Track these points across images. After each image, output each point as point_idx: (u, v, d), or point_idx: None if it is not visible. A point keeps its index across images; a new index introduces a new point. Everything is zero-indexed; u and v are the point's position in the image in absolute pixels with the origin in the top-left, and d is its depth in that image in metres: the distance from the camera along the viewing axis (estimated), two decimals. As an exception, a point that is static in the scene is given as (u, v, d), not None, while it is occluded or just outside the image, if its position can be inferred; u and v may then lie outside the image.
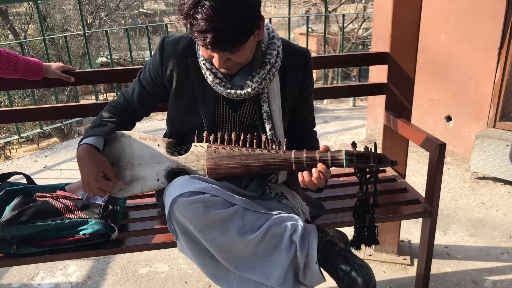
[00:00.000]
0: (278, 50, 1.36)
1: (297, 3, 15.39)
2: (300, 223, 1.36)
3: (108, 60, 11.66)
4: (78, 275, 2.16)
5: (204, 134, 1.38)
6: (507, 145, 2.74)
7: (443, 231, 2.43)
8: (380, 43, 3.33)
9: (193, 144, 1.39)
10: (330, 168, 1.30)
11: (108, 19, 11.35)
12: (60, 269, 2.21)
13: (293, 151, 1.32)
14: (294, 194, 1.51)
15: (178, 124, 1.49)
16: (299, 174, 1.31)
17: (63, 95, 10.82)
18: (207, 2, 1.12)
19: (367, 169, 1.31)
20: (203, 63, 1.36)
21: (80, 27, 12.38)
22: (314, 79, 1.58)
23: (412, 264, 2.14)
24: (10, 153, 6.72)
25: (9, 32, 10.81)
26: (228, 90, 1.35)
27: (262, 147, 1.35)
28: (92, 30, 9.79)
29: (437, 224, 2.47)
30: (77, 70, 1.75)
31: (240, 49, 1.21)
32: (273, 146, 1.34)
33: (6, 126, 8.08)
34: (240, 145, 1.36)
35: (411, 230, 2.41)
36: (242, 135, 1.36)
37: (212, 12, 1.12)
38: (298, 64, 1.43)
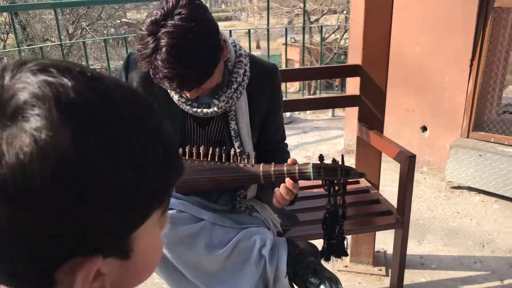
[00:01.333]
0: (245, 68, 1.36)
1: (280, 13, 15.54)
2: (270, 236, 1.36)
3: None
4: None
5: (173, 148, 1.38)
6: (480, 155, 2.79)
7: (418, 241, 2.45)
8: (357, 55, 3.37)
9: None
10: (303, 180, 1.31)
11: (90, 29, 11.28)
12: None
13: (261, 164, 1.32)
14: (265, 206, 1.51)
15: None
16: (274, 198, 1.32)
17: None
18: (164, 49, 1.11)
19: (335, 182, 1.32)
20: None
21: (62, 37, 12.28)
22: (297, 88, 1.59)
23: (387, 274, 2.15)
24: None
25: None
26: (195, 109, 1.34)
27: (231, 161, 1.35)
28: (69, 42, 9.72)
29: (412, 234, 2.50)
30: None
31: (208, 80, 1.22)
32: (242, 160, 1.34)
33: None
34: (209, 159, 1.35)
35: (387, 240, 2.43)
36: (211, 149, 1.36)
37: (172, 59, 1.11)
38: (266, 80, 1.44)
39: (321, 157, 1.30)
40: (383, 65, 1.89)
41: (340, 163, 1.31)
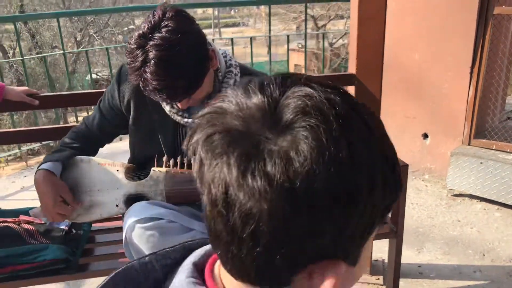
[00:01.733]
0: (236, 78, 1.37)
1: (287, 19, 15.58)
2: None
3: (99, 77, 11.68)
4: (47, 299, 2.13)
5: (164, 158, 1.39)
6: (481, 163, 2.77)
7: (417, 250, 2.43)
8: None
9: (152, 169, 1.39)
10: None
11: (97, 36, 11.41)
12: (30, 293, 2.18)
13: None
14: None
15: (139, 151, 1.50)
16: None
17: (51, 112, 10.79)
18: (152, 61, 1.13)
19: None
20: None
21: (70, 44, 12.44)
22: None
23: (385, 284, 2.13)
24: (-4, 171, 6.59)
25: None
26: (186, 119, 1.36)
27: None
28: (71, 51, 9.86)
29: (411, 242, 2.49)
30: (42, 94, 1.75)
31: (197, 90, 1.23)
32: None
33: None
34: (199, 170, 1.36)
35: (385, 249, 2.40)
36: None
37: (161, 71, 1.13)
38: None
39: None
40: (377, 74, 1.89)
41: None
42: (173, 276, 0.54)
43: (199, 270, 0.53)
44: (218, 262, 0.51)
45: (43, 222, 1.61)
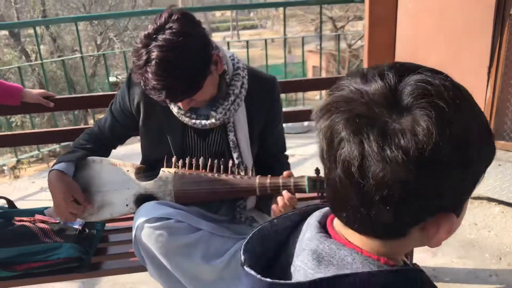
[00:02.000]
0: (243, 80, 1.38)
1: (305, 21, 15.54)
2: (267, 247, 1.36)
3: (118, 79, 11.84)
4: (63, 297, 2.17)
5: (173, 159, 1.41)
6: (499, 165, 2.72)
7: (432, 253, 2.40)
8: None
9: (161, 169, 1.41)
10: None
11: (117, 40, 11.57)
12: (47, 291, 2.23)
13: (258, 176, 1.33)
14: (266, 217, 1.51)
15: (149, 152, 1.52)
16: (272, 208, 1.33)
17: (71, 114, 10.99)
18: (154, 61, 1.15)
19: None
20: None
21: (91, 47, 12.66)
22: (317, 97, 1.60)
23: (398, 286, 2.11)
24: (20, 172, 6.79)
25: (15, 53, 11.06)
26: (193, 121, 1.37)
27: (229, 172, 1.37)
28: (91, 54, 10.04)
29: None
30: (58, 97, 1.80)
31: (198, 92, 1.25)
32: (240, 172, 1.36)
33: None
34: (208, 170, 1.38)
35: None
36: (210, 161, 1.38)
37: (161, 71, 1.15)
38: (264, 92, 1.46)
39: (317, 170, 1.30)
40: (390, 75, 1.87)
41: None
42: (295, 235, 0.66)
43: (322, 227, 0.64)
44: (336, 220, 0.63)
45: (57, 221, 1.65)
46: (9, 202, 1.79)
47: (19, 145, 1.97)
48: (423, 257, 2.35)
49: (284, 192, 1.28)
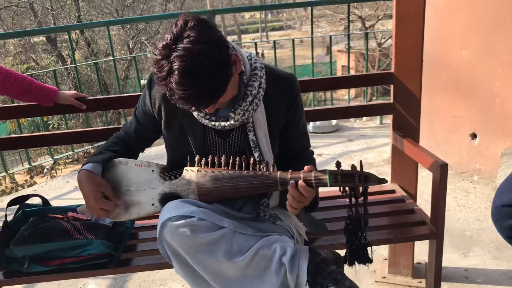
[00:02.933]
0: (261, 80, 1.38)
1: (334, 21, 15.40)
2: (291, 244, 1.37)
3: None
4: (96, 293, 2.25)
5: (196, 158, 1.43)
6: (534, 163, 2.63)
7: (463, 253, 2.34)
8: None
9: (184, 168, 1.44)
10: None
11: (148, 43, 11.81)
12: (80, 287, 2.30)
13: (279, 172, 1.34)
14: (289, 215, 1.52)
15: (172, 153, 1.55)
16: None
17: (104, 116, 11.27)
18: (176, 72, 1.16)
19: (355, 188, 1.32)
20: None
21: (123, 51, 12.96)
22: (353, 95, 1.60)
23: (427, 287, 2.07)
24: (56, 173, 7.05)
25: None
26: (213, 123, 1.39)
27: (250, 169, 1.38)
28: (122, 57, 10.29)
29: (457, 245, 2.40)
30: (90, 98, 1.86)
31: (222, 96, 1.26)
32: (261, 168, 1.37)
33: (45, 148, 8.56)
34: (229, 168, 1.39)
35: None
36: (231, 158, 1.40)
37: (185, 81, 1.16)
38: (283, 91, 1.46)
39: (338, 164, 1.30)
40: (417, 72, 1.84)
41: (358, 169, 1.30)
42: None
43: None
44: None
45: (89, 218, 1.70)
46: (44, 200, 1.86)
47: (54, 145, 2.04)
48: (454, 258, 2.30)
49: (300, 182, 1.28)
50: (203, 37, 1.18)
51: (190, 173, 1.41)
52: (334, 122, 4.40)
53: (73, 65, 3.74)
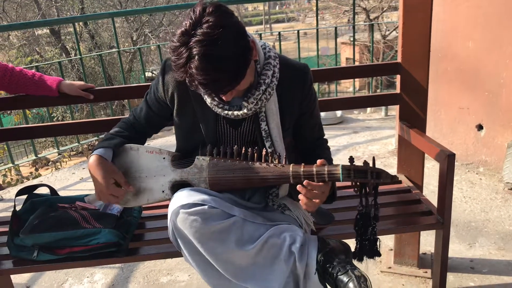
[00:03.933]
0: (274, 69, 1.38)
1: (338, 13, 15.31)
2: (300, 233, 1.37)
3: (154, 74, 12.04)
4: (103, 283, 2.26)
5: (208, 147, 1.44)
6: (541, 155, 2.62)
7: (469, 244, 2.35)
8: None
9: (196, 157, 1.44)
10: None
11: (152, 36, 11.77)
12: (87, 277, 2.32)
13: (291, 165, 1.34)
14: (297, 205, 1.52)
15: (183, 141, 1.56)
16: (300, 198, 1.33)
17: (109, 109, 11.28)
18: (197, 57, 1.15)
19: (366, 184, 1.31)
20: None
21: (127, 44, 12.94)
22: (357, 88, 1.60)
23: (432, 277, 2.08)
24: (61, 165, 7.09)
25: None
26: (226, 111, 1.39)
27: (262, 161, 1.38)
28: (126, 49, 10.29)
29: (463, 236, 2.41)
30: (96, 88, 1.86)
31: (242, 81, 1.26)
32: (273, 160, 1.37)
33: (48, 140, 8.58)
34: (241, 159, 1.40)
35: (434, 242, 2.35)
36: (243, 149, 1.40)
37: (205, 66, 1.16)
38: (296, 81, 1.45)
39: (351, 159, 1.30)
40: (424, 62, 1.84)
41: (371, 165, 1.29)
42: None
43: None
44: None
45: (97, 208, 1.71)
46: (51, 189, 1.88)
47: (59, 135, 2.04)
48: (460, 248, 2.31)
49: (305, 182, 1.29)
50: (222, 22, 1.17)
51: (201, 161, 1.41)
52: (339, 114, 4.40)
53: (78, 57, 3.74)
